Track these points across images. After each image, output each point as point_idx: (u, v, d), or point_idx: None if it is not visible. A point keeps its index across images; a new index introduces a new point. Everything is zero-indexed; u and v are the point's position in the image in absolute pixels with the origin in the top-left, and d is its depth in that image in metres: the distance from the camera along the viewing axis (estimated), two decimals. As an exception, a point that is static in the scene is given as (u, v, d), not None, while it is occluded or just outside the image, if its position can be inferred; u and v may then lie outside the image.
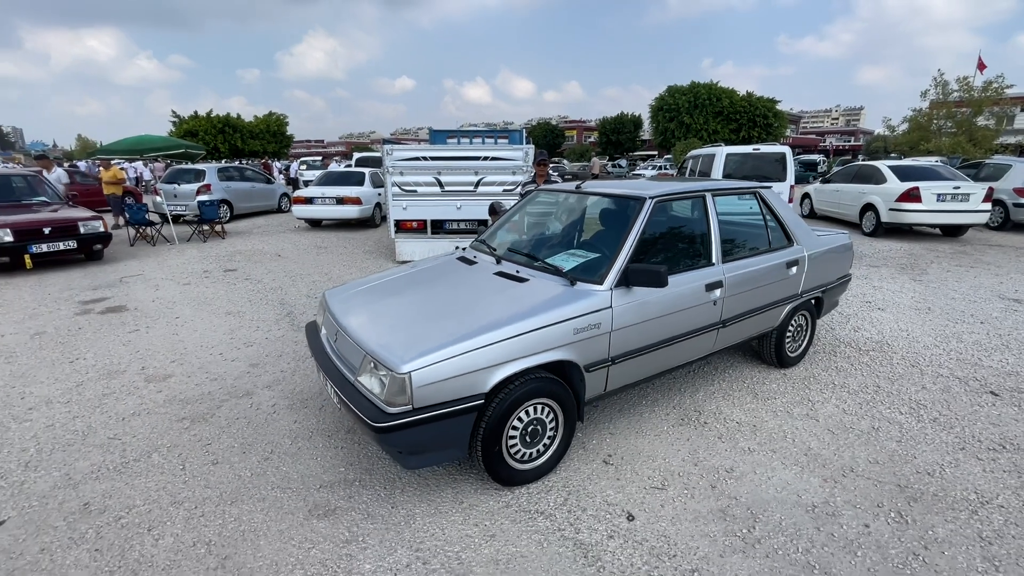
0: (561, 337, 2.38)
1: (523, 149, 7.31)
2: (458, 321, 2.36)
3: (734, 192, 3.41)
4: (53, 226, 7.03)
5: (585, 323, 2.44)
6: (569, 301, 2.47)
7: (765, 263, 3.31)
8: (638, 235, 2.74)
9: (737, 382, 3.60)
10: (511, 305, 2.47)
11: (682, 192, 3.09)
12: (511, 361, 2.25)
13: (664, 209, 3.04)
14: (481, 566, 2.01)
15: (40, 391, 3.50)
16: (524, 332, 2.28)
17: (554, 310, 2.40)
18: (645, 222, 2.80)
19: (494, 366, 2.21)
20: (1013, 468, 2.62)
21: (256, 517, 2.28)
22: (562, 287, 2.60)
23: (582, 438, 2.91)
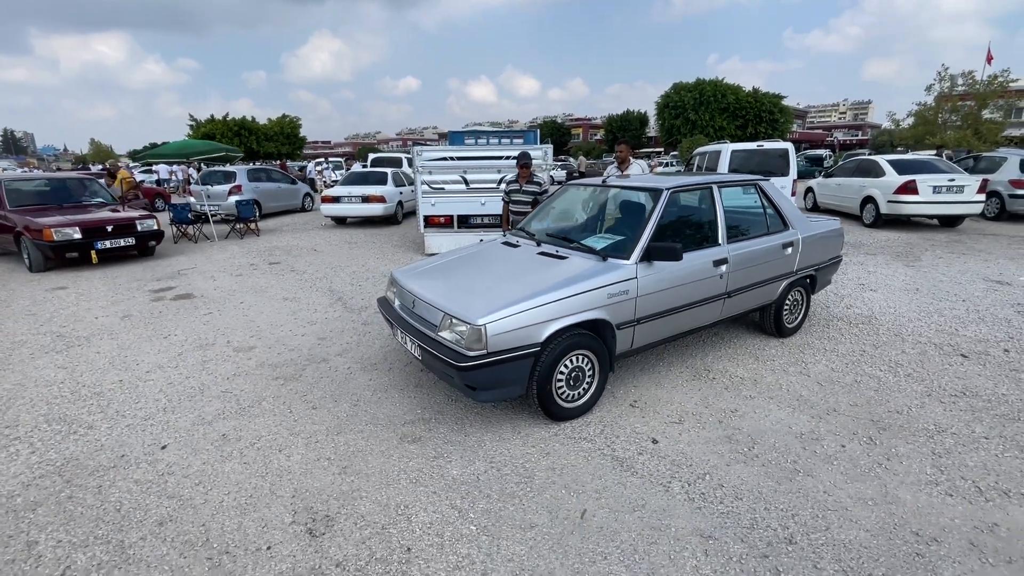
0: (598, 300, 2.98)
1: (542, 148, 7.90)
2: (515, 287, 2.97)
3: (737, 184, 3.99)
4: (114, 224, 7.72)
5: (617, 290, 3.04)
6: (603, 272, 3.07)
7: (764, 244, 3.88)
8: (657, 219, 3.34)
9: (741, 348, 4.19)
10: (556, 276, 3.08)
11: (692, 184, 3.68)
12: (559, 318, 2.85)
13: (678, 199, 3.63)
14: (542, 472, 2.61)
15: (149, 359, 4.15)
16: (569, 296, 2.89)
17: (591, 279, 3.00)
18: (663, 209, 3.39)
19: (546, 321, 2.82)
20: (968, 408, 3.19)
21: (360, 443, 2.90)
22: (596, 262, 3.20)
23: (611, 389, 3.51)
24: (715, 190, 3.73)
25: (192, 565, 2.03)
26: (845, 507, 2.32)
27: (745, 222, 4.00)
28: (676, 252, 3.09)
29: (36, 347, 4.45)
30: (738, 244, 3.73)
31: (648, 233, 3.27)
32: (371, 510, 2.34)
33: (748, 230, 3.96)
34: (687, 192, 3.67)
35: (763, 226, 4.03)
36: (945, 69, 23.23)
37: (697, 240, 3.64)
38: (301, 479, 2.57)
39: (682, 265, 3.33)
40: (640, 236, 3.26)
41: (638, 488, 2.48)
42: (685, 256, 3.37)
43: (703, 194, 3.78)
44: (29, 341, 4.60)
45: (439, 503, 2.38)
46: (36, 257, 7.28)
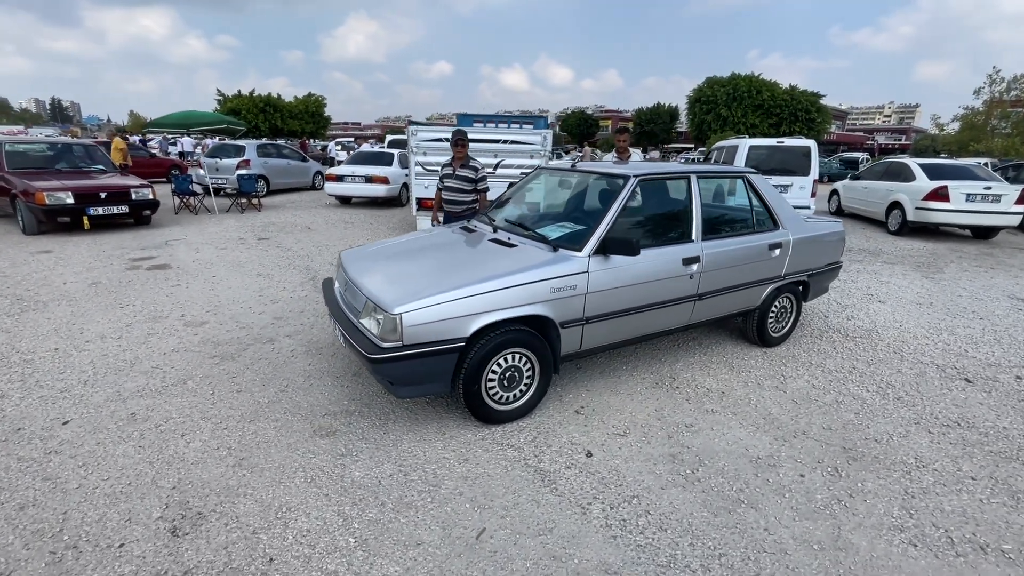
0: (538, 295, 2.68)
1: (541, 134, 7.55)
2: (447, 276, 2.69)
3: (721, 176, 3.61)
4: (108, 191, 7.69)
5: (562, 284, 2.74)
6: (548, 264, 2.76)
7: (746, 243, 3.51)
8: (619, 209, 3.00)
9: (717, 355, 3.83)
10: (496, 265, 2.79)
11: (666, 173, 3.33)
12: (491, 312, 2.57)
13: (649, 188, 3.29)
14: (452, 480, 2.35)
15: (96, 328, 4.03)
16: (504, 288, 2.60)
17: (534, 270, 2.70)
18: (627, 198, 3.06)
19: (475, 314, 2.54)
20: (959, 441, 2.80)
21: (270, 433, 2.69)
22: (545, 252, 2.90)
23: (560, 391, 3.22)
24: (693, 181, 3.37)
25: (31, 559, 1.84)
26: (785, 550, 2.00)
27: (727, 218, 3.63)
28: (632, 246, 2.77)
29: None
30: (715, 242, 3.37)
31: (606, 223, 2.94)
32: (250, 510, 2.12)
33: (730, 227, 3.60)
34: (659, 181, 3.32)
35: (748, 224, 3.66)
36: (996, 72, 21.78)
37: (666, 235, 3.30)
38: (190, 469, 2.37)
39: (643, 261, 3.00)
40: (597, 226, 2.94)
41: (552, 508, 2.20)
42: (649, 252, 3.05)
43: (678, 185, 3.42)
44: (-11, 303, 4.54)
45: (326, 508, 2.15)
46: (29, 220, 7.31)
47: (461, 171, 4.61)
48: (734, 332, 4.28)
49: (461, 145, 4.61)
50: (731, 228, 3.59)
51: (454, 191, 4.64)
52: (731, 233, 3.53)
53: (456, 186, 4.62)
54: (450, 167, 4.69)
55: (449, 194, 4.68)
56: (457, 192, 4.63)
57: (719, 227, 3.53)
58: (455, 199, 4.64)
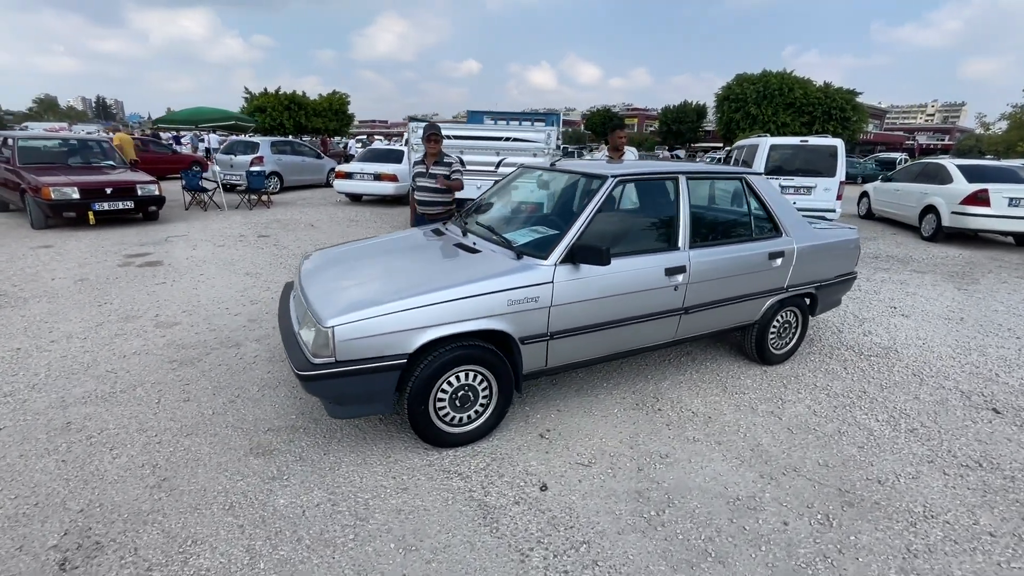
0: (494, 307, 2.42)
1: (545, 131, 7.27)
2: (394, 285, 2.46)
3: (715, 177, 3.28)
4: (114, 187, 7.74)
5: (521, 296, 2.47)
6: (508, 273, 2.50)
7: (742, 252, 3.17)
8: (592, 213, 2.72)
9: (710, 374, 3.50)
10: (451, 273, 2.55)
11: (650, 173, 3.02)
12: (438, 325, 2.32)
13: (628, 190, 2.99)
14: (383, 513, 2.12)
15: (66, 327, 3.94)
16: (453, 299, 2.35)
17: (489, 280, 2.44)
18: (602, 200, 2.77)
19: (420, 328, 2.29)
20: (980, 486, 2.42)
21: (204, 449, 2.50)
22: (508, 260, 2.63)
23: (528, 411, 2.95)
24: (681, 182, 3.04)
25: (-101, 591, 1.69)
26: (750, 620, 1.70)
27: (721, 224, 3.30)
28: (602, 254, 2.48)
29: (-27, 305, 4.36)
30: (706, 250, 3.04)
31: (577, 229, 2.66)
32: (153, 542, 1.93)
33: (724, 234, 3.26)
34: (641, 182, 3.01)
35: (746, 230, 3.31)
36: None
37: (648, 242, 3.00)
38: (106, 489, 2.20)
39: (619, 271, 2.71)
40: (566, 233, 2.65)
41: (488, 553, 1.94)
42: (627, 261, 2.76)
43: (664, 186, 3.10)
44: (-27, 298, 4.53)
45: (236, 542, 1.94)
46: (37, 214, 7.40)
47: (436, 169, 4.31)
48: (733, 347, 3.93)
49: (434, 140, 4.29)
50: (725, 235, 3.26)
51: (429, 191, 4.35)
52: (725, 240, 3.19)
53: (430, 185, 4.33)
54: (423, 165, 4.38)
55: (424, 194, 4.37)
56: (432, 192, 4.34)
57: (711, 234, 3.21)
58: (430, 199, 4.35)
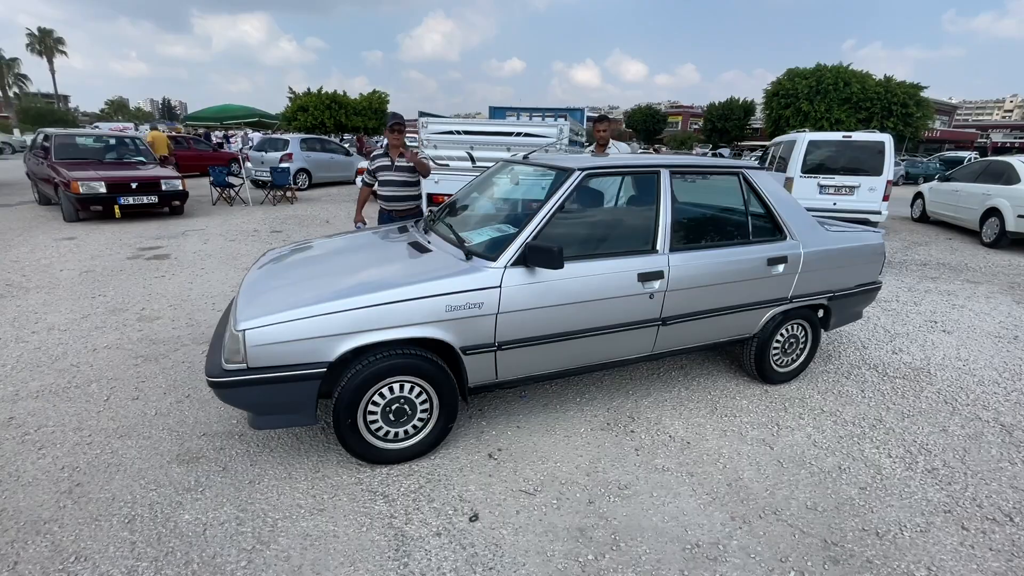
0: (429, 313, 2.18)
1: (557, 126, 6.95)
2: (326, 286, 2.26)
3: (705, 171, 2.91)
4: (139, 181, 8.00)
5: (462, 301, 2.22)
6: (449, 275, 2.26)
7: (734, 256, 2.80)
8: (552, 210, 2.43)
9: (701, 392, 3.13)
10: (390, 275, 2.34)
11: (625, 167, 2.70)
12: (364, 332, 2.11)
13: (597, 185, 2.69)
14: (288, 538, 1.92)
15: (53, 319, 3.99)
16: (382, 303, 2.13)
17: (426, 283, 2.21)
18: (566, 197, 2.48)
19: (342, 335, 2.09)
20: (1007, 548, 1.99)
21: (130, 453, 2.39)
22: (456, 261, 2.39)
23: (484, 425, 2.70)
24: (663, 178, 2.71)
25: None
26: None
27: (711, 224, 2.94)
28: (552, 256, 2.20)
29: (-21, 294, 4.50)
30: (690, 254, 2.69)
31: (533, 228, 2.38)
32: (37, 555, 1.80)
33: (714, 236, 2.91)
34: (615, 177, 2.70)
35: (741, 232, 2.93)
36: None
37: (619, 243, 2.69)
38: (14, 493, 2.10)
39: (582, 276, 2.42)
40: (520, 232, 2.39)
41: (386, 594, 1.71)
42: (591, 265, 2.47)
43: (643, 182, 2.77)
44: (-19, 287, 4.68)
45: (120, 561, 1.79)
46: (67, 208, 7.73)
47: (400, 162, 4.02)
48: (734, 362, 3.53)
49: (398, 131, 3.98)
50: (716, 237, 2.90)
51: (395, 185, 4.04)
52: (715, 243, 2.83)
53: (397, 179, 4.03)
54: (386, 158, 4.05)
55: (389, 189, 4.05)
56: (399, 187, 4.04)
57: (699, 235, 2.85)
58: (396, 195, 4.05)
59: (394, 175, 4.04)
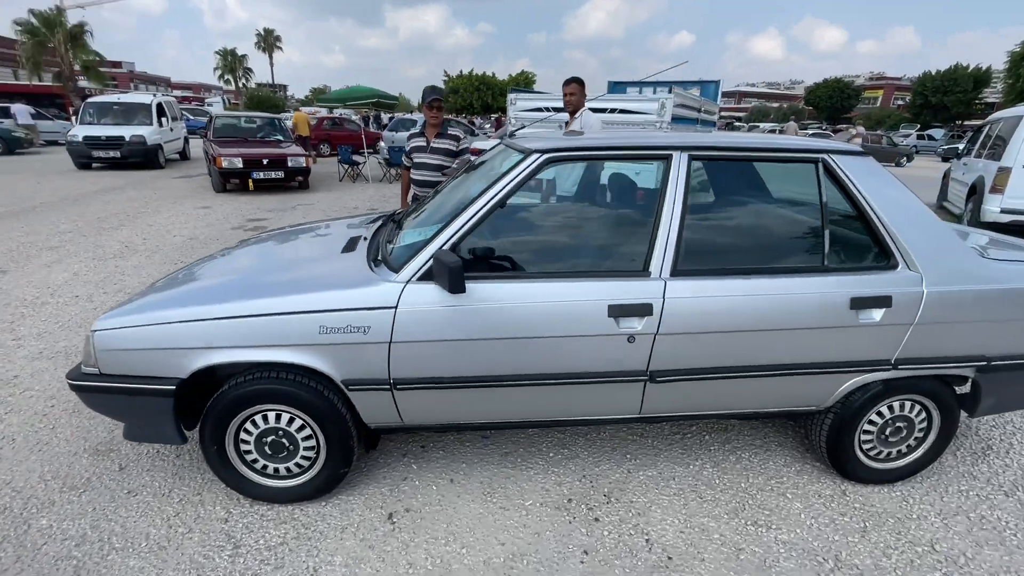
0: (299, 334, 1.71)
1: (658, 100, 5.87)
2: (204, 288, 1.94)
3: (752, 155, 1.91)
4: (270, 158, 8.86)
5: (340, 322, 1.71)
6: (331, 288, 1.76)
7: (787, 291, 1.81)
8: (485, 208, 1.77)
9: (734, 473, 2.19)
10: (280, 280, 1.95)
11: (611, 148, 1.86)
12: (224, 348, 1.73)
13: (571, 176, 1.91)
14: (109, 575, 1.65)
15: (130, 281, 4.41)
16: (241, 315, 1.72)
17: (299, 295, 1.75)
18: (510, 189, 1.79)
19: (198, 349, 1.73)
20: None
21: (65, 434, 2.37)
22: (360, 267, 1.89)
23: (413, 469, 2.17)
24: (674, 165, 1.82)
25: None
26: None
27: (757, 239, 1.96)
28: (449, 274, 1.57)
29: (37, 248, 5.23)
30: (705, 282, 1.80)
31: (453, 233, 1.76)
32: (-102, 535, 1.79)
33: (757, 256, 1.92)
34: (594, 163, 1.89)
35: (810, 252, 1.90)
36: None
37: (595, 260, 1.89)
38: None
39: (522, 301, 1.73)
40: (433, 239, 1.78)
41: None
42: (537, 286, 1.78)
43: (642, 171, 1.92)
44: (59, 245, 5.46)
45: (-53, 565, 1.69)
46: (215, 180, 8.89)
47: (438, 142, 3.50)
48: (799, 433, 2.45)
49: (436, 108, 3.48)
50: (760, 258, 1.91)
51: (430, 169, 3.53)
52: (754, 268, 1.86)
53: (432, 162, 3.52)
54: (422, 138, 3.56)
55: (423, 173, 3.55)
56: (433, 171, 3.52)
57: (728, 254, 1.91)
58: (431, 180, 3.50)
59: (429, 157, 3.57)
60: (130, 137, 11.11)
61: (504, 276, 1.77)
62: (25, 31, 24.22)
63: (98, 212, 7.16)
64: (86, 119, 11.65)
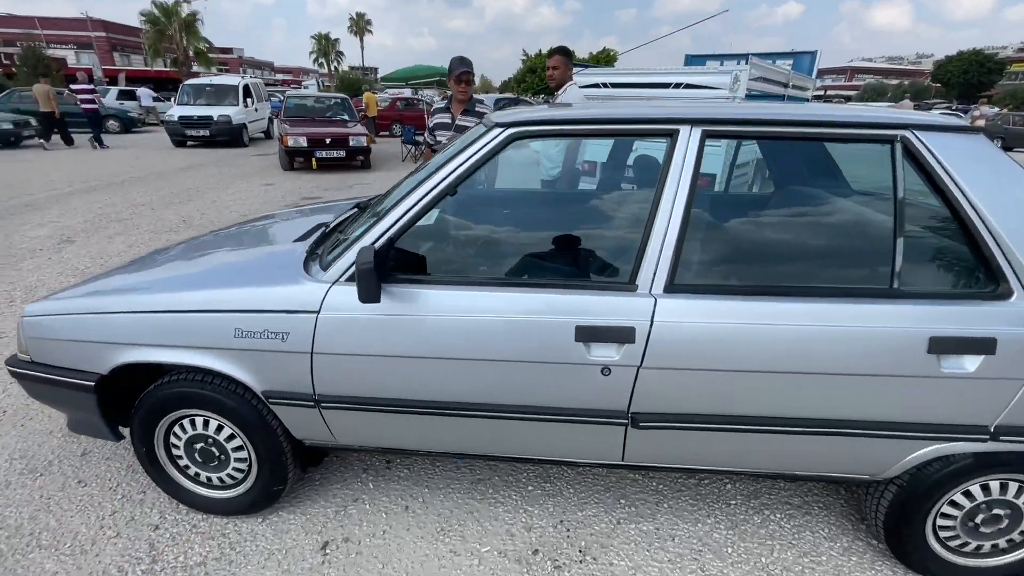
0: (213, 336, 1.49)
1: (732, 73, 5.11)
2: (142, 275, 1.77)
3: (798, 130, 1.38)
4: (332, 138, 9.00)
5: (257, 326, 1.46)
6: (250, 283, 1.53)
7: (830, 320, 1.31)
8: (431, 195, 1.43)
9: (755, 538, 1.72)
10: (213, 272, 1.73)
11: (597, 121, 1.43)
12: (136, 346, 1.55)
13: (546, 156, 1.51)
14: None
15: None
16: (155, 311, 1.53)
17: (217, 290, 1.53)
18: (461, 172, 1.43)
19: (115, 344, 1.56)
20: None
21: (52, 409, 2.38)
22: (291, 261, 1.63)
23: (369, 490, 1.92)
24: (681, 141, 1.37)
25: None
26: None
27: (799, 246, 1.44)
28: (359, 277, 1.26)
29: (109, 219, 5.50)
30: (716, 302, 1.34)
31: (390, 226, 1.44)
32: None
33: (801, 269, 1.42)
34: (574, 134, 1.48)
35: (876, 266, 1.37)
36: None
37: (567, 267, 1.48)
38: None
39: (467, 313, 1.39)
40: (369, 230, 1.47)
41: None
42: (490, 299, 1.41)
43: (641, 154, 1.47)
44: (128, 218, 5.74)
45: None
46: (283, 159, 9.20)
47: (464, 120, 3.18)
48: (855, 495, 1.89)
49: (465, 82, 3.16)
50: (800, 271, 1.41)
51: None
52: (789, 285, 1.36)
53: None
54: (447, 114, 3.27)
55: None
56: None
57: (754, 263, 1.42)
58: None
59: (453, 136, 3.30)
60: (217, 117, 11.85)
61: (446, 281, 1.43)
62: (148, 20, 26.87)
63: (174, 187, 7.64)
64: (183, 100, 12.58)
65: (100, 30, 37.38)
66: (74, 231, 5.22)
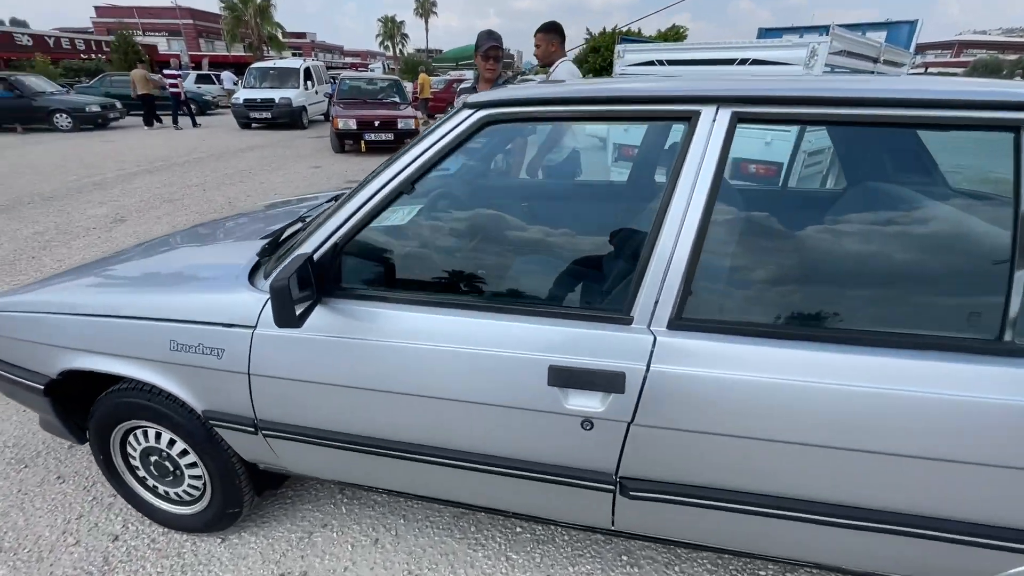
0: (149, 346, 1.33)
1: (808, 46, 4.43)
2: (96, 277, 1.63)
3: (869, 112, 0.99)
4: (381, 120, 8.95)
5: (192, 338, 1.28)
6: (190, 289, 1.35)
7: (906, 381, 0.93)
8: (383, 192, 1.18)
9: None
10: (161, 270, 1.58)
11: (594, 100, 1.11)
12: (76, 351, 1.42)
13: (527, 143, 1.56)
14: (-39, 588, 1.50)
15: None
16: (95, 314, 1.38)
17: (157, 295, 1.36)
18: (420, 163, 1.16)
19: (61, 348, 1.44)
20: None
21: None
22: (236, 265, 1.44)
23: (332, 524, 1.73)
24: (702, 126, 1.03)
25: None
26: None
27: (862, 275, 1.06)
28: (273, 296, 1.02)
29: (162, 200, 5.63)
30: (742, 346, 1.00)
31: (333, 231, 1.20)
32: None
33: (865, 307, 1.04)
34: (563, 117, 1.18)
35: (980, 307, 0.97)
36: None
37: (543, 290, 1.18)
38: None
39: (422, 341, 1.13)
40: (312, 233, 1.23)
41: None
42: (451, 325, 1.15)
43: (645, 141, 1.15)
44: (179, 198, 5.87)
45: None
46: (334, 141, 9.27)
47: None
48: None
49: (493, 58, 2.91)
50: (864, 310, 1.02)
51: None
52: (847, 329, 1.00)
53: None
54: (474, 91, 2.98)
55: None
56: None
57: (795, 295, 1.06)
58: None
59: None
60: (279, 99, 12.17)
61: (399, 300, 1.17)
62: (226, 7, 28.25)
63: (229, 168, 7.88)
64: (249, 83, 13.02)
65: (188, 18, 39.83)
66: (128, 210, 5.44)
